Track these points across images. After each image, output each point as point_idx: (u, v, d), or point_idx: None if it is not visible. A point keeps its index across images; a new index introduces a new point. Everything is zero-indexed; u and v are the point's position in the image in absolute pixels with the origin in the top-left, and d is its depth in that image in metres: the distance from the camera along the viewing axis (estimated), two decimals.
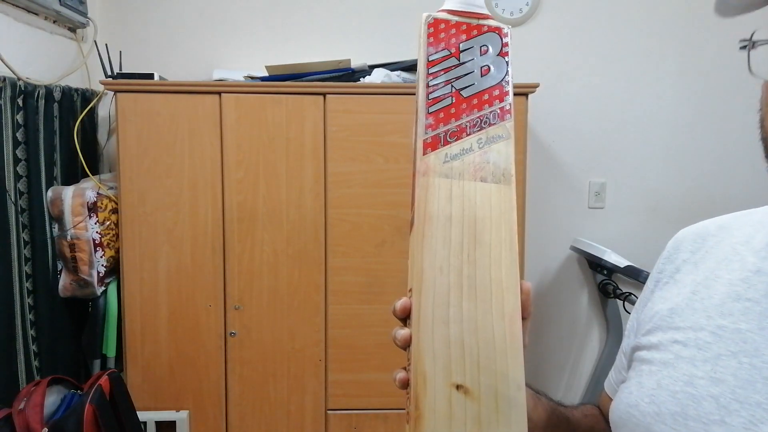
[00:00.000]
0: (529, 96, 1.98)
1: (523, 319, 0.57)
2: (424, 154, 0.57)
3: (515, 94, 0.53)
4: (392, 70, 2.01)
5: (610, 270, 2.28)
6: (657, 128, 2.43)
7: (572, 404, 0.78)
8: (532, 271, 2.46)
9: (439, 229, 0.56)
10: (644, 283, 2.17)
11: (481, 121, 0.58)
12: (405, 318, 0.56)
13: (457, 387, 0.53)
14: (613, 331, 2.41)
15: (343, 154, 1.95)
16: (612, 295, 2.34)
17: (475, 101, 0.58)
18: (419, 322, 0.54)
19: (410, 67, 2.03)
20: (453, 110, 0.58)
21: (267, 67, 2.03)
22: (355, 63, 2.04)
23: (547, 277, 2.52)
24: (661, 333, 0.60)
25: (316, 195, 1.96)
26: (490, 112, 0.58)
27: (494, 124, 0.58)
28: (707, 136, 2.44)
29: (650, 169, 2.45)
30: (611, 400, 0.73)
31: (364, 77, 2.02)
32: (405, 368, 0.56)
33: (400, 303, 0.56)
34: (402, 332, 0.55)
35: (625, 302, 2.26)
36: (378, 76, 2.01)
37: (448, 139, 0.58)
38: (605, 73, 2.40)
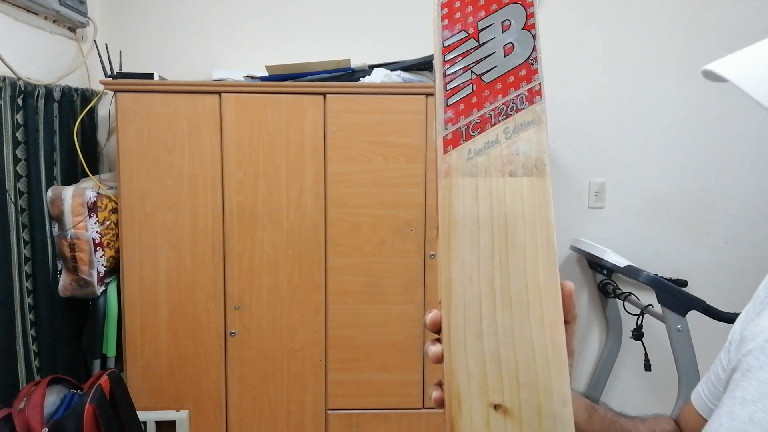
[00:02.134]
0: None
1: (567, 323, 0.52)
2: (445, 152, 0.52)
3: None
4: (392, 70, 2.01)
5: (610, 270, 2.28)
6: (657, 128, 2.43)
7: (641, 416, 0.72)
8: None
9: (467, 234, 0.51)
10: (644, 283, 2.14)
11: (507, 107, 0.52)
12: (438, 331, 0.52)
13: (495, 407, 0.49)
14: (613, 331, 2.41)
15: (343, 154, 1.95)
16: (612, 295, 2.34)
17: (498, 86, 0.53)
18: (450, 338, 0.50)
19: (410, 67, 2.03)
20: (474, 99, 0.53)
21: (267, 67, 2.03)
22: (355, 63, 2.04)
23: None
24: (764, 357, 0.54)
25: (316, 195, 1.96)
26: (517, 96, 0.52)
27: (522, 109, 0.52)
28: (707, 136, 2.44)
29: (650, 169, 2.45)
30: (698, 414, 0.68)
31: (364, 77, 2.02)
32: (440, 384, 0.52)
33: (431, 316, 0.52)
34: (434, 349, 0.52)
35: (625, 302, 2.25)
36: (378, 76, 2.01)
37: (471, 133, 0.52)
38: (605, 73, 2.40)
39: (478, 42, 0.53)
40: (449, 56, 0.53)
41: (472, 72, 0.53)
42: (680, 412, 0.74)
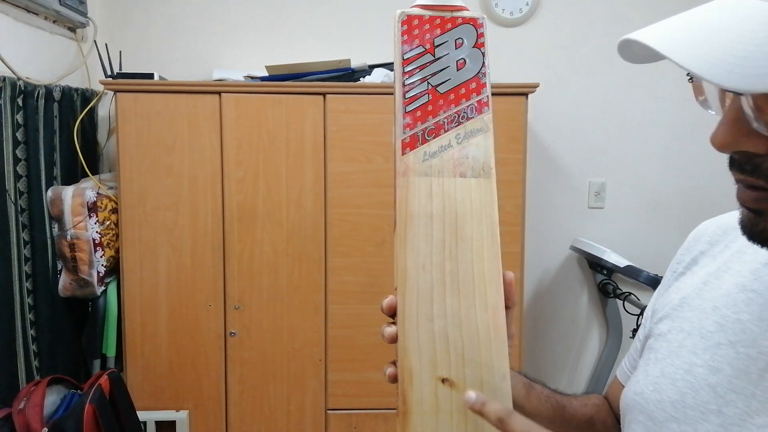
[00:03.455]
0: (529, 96, 1.98)
1: (508, 308, 0.59)
2: (403, 154, 0.58)
3: (514, 94, 0.52)
4: (392, 70, 2.00)
5: (610, 270, 2.28)
6: (657, 128, 2.43)
7: (574, 393, 0.79)
8: (532, 271, 2.46)
9: (421, 227, 0.57)
10: (644, 282, 2.15)
11: (459, 115, 0.58)
12: (393, 315, 0.58)
13: (443, 380, 0.55)
14: (613, 331, 2.41)
15: (343, 154, 1.95)
16: (612, 295, 2.34)
17: (451, 96, 0.58)
18: (404, 319, 0.56)
19: None
20: (430, 107, 0.58)
21: (267, 67, 2.03)
22: (355, 63, 2.04)
23: (547, 277, 2.51)
24: (670, 321, 0.61)
25: (316, 195, 1.96)
26: (468, 105, 0.59)
27: (472, 117, 0.59)
28: (707, 136, 2.42)
29: (650, 168, 2.44)
30: (622, 386, 0.74)
31: (364, 77, 2.02)
32: (394, 363, 0.58)
33: (387, 301, 0.58)
34: (389, 330, 0.58)
35: (625, 302, 2.25)
36: (378, 76, 2.01)
37: (426, 137, 0.58)
38: (605, 73, 2.40)
39: (434, 57, 0.59)
40: (408, 68, 0.59)
41: (428, 83, 0.59)
42: (608, 388, 0.81)
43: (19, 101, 1.73)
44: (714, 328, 0.55)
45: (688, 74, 0.57)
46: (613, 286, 2.34)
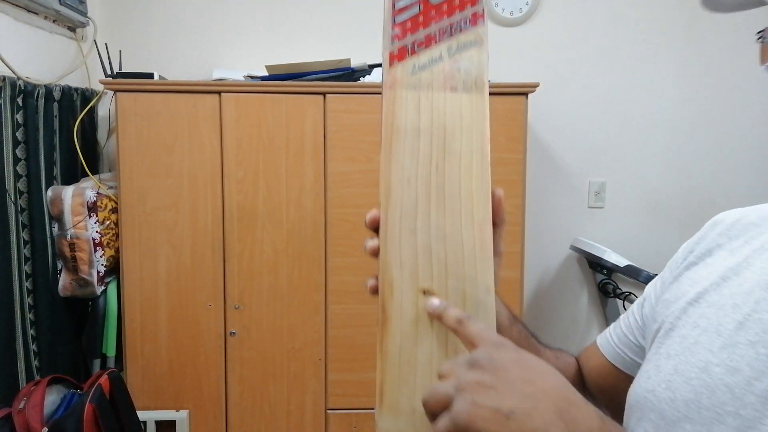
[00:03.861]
0: (529, 96, 1.98)
1: (496, 225, 0.57)
2: (391, 65, 0.56)
3: (514, 94, 0.52)
4: None
5: (610, 269, 2.28)
6: (657, 128, 2.43)
7: (549, 344, 0.77)
8: (532, 271, 2.46)
9: (407, 141, 0.56)
10: (644, 282, 2.15)
11: (452, 27, 0.56)
12: (376, 230, 0.57)
13: (424, 292, 0.54)
14: None
15: (343, 153, 1.95)
16: (612, 295, 2.34)
17: (444, 7, 0.56)
18: (386, 233, 0.55)
19: None
20: (421, 18, 0.56)
21: (267, 67, 2.03)
22: (355, 62, 2.04)
23: (547, 277, 2.51)
24: (685, 317, 0.58)
25: (316, 195, 1.96)
26: (461, 17, 0.56)
27: (465, 30, 0.56)
28: (707, 135, 2.44)
29: (650, 168, 2.44)
30: (602, 355, 0.73)
31: (363, 77, 2.02)
32: (376, 277, 0.57)
33: (370, 215, 0.57)
34: (371, 243, 0.57)
35: (625, 301, 2.25)
36: (378, 76, 2.01)
37: (416, 50, 0.56)
38: (605, 72, 2.40)
39: None
40: None
41: None
42: (583, 352, 0.78)
43: (19, 101, 1.73)
44: (733, 327, 0.53)
45: (759, 33, 0.56)
46: (613, 286, 2.34)
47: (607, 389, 0.73)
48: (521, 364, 0.48)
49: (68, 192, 1.87)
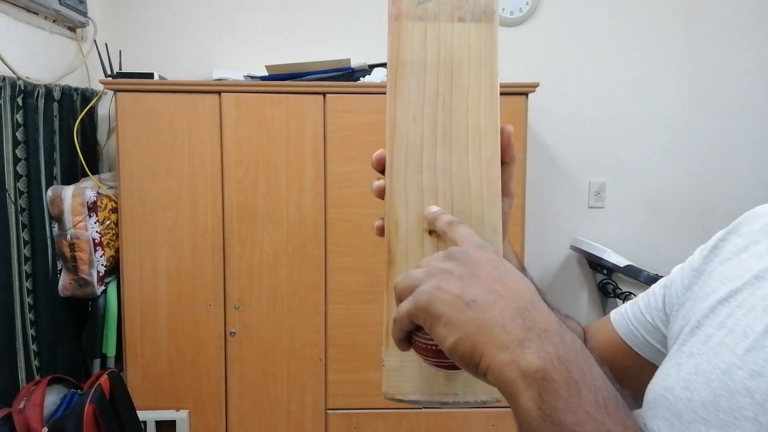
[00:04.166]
0: (529, 95, 1.98)
1: (505, 164, 0.56)
2: None
3: (514, 94, 0.51)
4: None
5: (610, 269, 2.28)
6: (657, 127, 2.43)
7: (558, 309, 0.75)
8: (532, 271, 2.44)
9: (413, 76, 0.55)
10: (645, 282, 2.13)
11: None
12: (382, 170, 0.56)
13: (430, 232, 0.53)
14: None
15: (343, 153, 1.95)
16: (612, 295, 2.34)
17: None
18: (391, 172, 0.54)
19: None
20: None
21: (267, 67, 2.03)
22: (355, 62, 2.04)
23: (547, 277, 2.51)
24: (713, 315, 0.56)
25: (316, 195, 1.96)
26: None
27: None
28: (708, 135, 2.44)
29: (650, 168, 2.44)
30: (615, 330, 0.71)
31: (364, 77, 2.02)
32: (383, 218, 0.56)
33: (377, 154, 0.56)
34: (377, 183, 0.56)
35: (625, 301, 2.25)
36: (378, 76, 2.01)
37: None
38: (605, 72, 2.40)
39: None
40: None
41: None
42: (593, 324, 0.77)
43: (19, 101, 1.73)
44: (761, 330, 0.50)
45: None
46: (613, 286, 2.34)
47: (610, 364, 0.70)
48: (494, 265, 0.48)
49: (68, 192, 1.87)
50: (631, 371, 0.61)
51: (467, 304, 0.45)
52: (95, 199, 1.90)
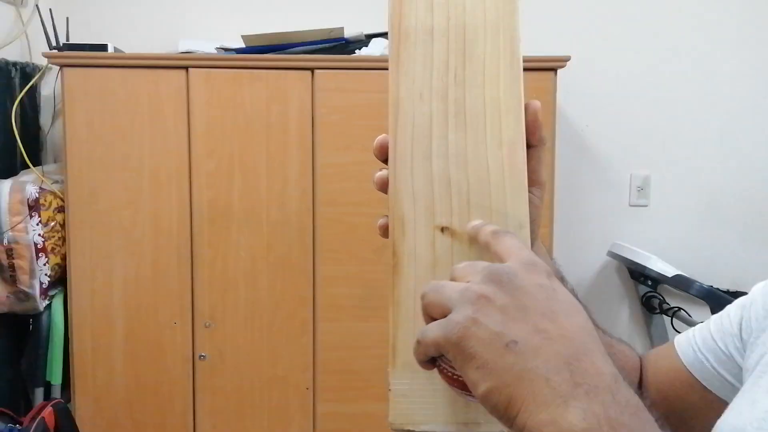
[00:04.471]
0: (558, 71, 1.98)
1: (532, 146, 0.55)
2: None
3: (540, 69, 0.51)
4: None
5: (656, 280, 2.28)
6: (712, 110, 2.43)
7: (612, 336, 0.75)
8: None
9: (419, 47, 0.55)
10: (697, 296, 2.13)
11: None
12: (386, 160, 0.56)
13: (442, 229, 0.53)
14: None
15: (335, 141, 1.95)
16: (658, 311, 2.34)
17: None
18: (396, 160, 0.54)
19: None
20: None
21: (243, 37, 2.03)
22: (350, 32, 2.04)
23: (580, 289, 2.51)
24: None
25: (303, 190, 1.96)
26: None
27: None
28: None
29: (704, 159, 2.44)
30: (678, 358, 0.70)
31: (360, 49, 2.03)
32: (387, 216, 0.57)
33: (378, 140, 0.56)
34: (380, 173, 0.57)
35: (674, 318, 2.25)
36: (377, 48, 2.01)
37: None
38: (649, 45, 2.40)
39: None
40: None
41: None
42: (652, 351, 0.77)
43: None
44: None
45: None
46: (659, 300, 2.34)
47: (672, 398, 0.71)
48: (547, 294, 0.47)
49: (5, 187, 1.87)
50: (696, 408, 0.61)
51: (507, 345, 0.44)
52: (37, 195, 1.90)
